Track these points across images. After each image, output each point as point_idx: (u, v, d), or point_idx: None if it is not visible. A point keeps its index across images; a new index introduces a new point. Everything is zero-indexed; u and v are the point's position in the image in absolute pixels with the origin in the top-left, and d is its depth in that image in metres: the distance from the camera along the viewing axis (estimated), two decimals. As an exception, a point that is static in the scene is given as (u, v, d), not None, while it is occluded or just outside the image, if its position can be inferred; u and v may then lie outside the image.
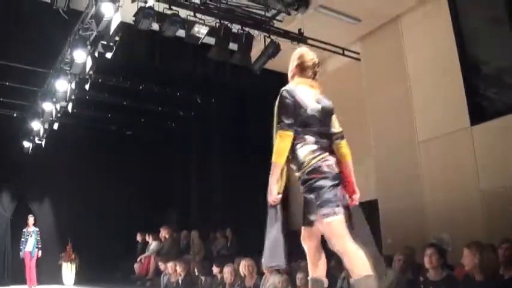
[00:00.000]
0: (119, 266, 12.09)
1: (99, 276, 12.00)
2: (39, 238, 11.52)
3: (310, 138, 3.28)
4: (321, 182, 3.18)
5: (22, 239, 11.35)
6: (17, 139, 12.77)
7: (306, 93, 3.36)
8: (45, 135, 12.05)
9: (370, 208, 8.82)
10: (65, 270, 13.02)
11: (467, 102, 7.65)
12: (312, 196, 3.19)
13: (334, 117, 3.48)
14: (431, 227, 7.58)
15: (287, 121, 3.22)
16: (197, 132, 12.32)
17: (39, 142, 12.28)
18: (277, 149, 3.19)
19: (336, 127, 3.47)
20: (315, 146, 3.27)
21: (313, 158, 3.24)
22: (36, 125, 11.93)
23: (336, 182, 3.21)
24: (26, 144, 12.78)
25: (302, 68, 3.54)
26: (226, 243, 10.28)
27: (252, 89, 9.81)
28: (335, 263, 6.94)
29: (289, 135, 3.20)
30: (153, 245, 11.62)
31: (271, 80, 10.83)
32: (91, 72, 9.42)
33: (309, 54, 3.57)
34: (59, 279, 12.77)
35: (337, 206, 3.15)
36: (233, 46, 8.55)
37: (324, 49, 9.46)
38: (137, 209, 12.91)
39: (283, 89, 3.35)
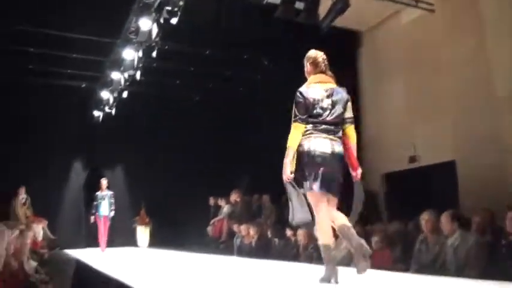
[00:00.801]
0: (192, 229, 12.69)
1: (173, 239, 12.64)
2: (113, 201, 11.66)
3: (311, 126, 4.14)
4: (302, 160, 4.07)
5: (95, 203, 11.49)
6: (87, 109, 13.53)
7: (316, 91, 4.21)
8: (114, 104, 12.70)
9: (447, 169, 8.82)
10: (139, 233, 13.92)
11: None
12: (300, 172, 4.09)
13: (349, 104, 4.29)
14: (513, 188, 7.53)
15: (300, 115, 4.12)
16: (265, 95, 12.40)
17: (109, 111, 12.97)
18: (291, 136, 4.10)
19: (349, 113, 4.28)
20: (311, 131, 4.13)
21: (303, 139, 4.11)
22: (105, 95, 12.60)
23: (314, 160, 4.05)
24: (97, 113, 13.51)
25: (315, 65, 4.35)
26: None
27: (321, 48, 9.82)
28: (413, 226, 7.16)
29: (301, 126, 4.10)
30: (225, 208, 12.15)
31: (340, 38, 10.86)
32: (157, 39, 9.78)
33: (318, 52, 4.40)
34: (133, 242, 13.67)
35: (314, 181, 4.03)
36: (299, 5, 8.60)
37: (397, 2, 9.35)
38: (209, 173, 13.32)
39: (297, 90, 4.22)
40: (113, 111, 12.97)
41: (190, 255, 9.56)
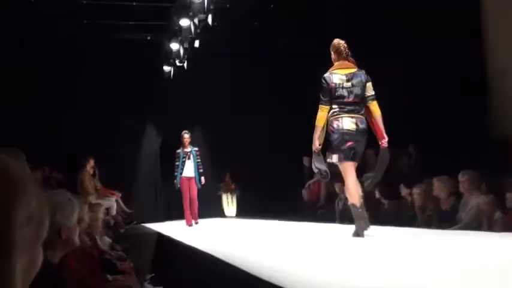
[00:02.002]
0: (285, 195, 12.57)
1: (263, 206, 12.62)
2: (199, 160, 10.96)
3: (336, 107, 5.86)
4: (331, 136, 5.89)
5: (176, 163, 10.77)
6: (155, 65, 13.64)
7: (337, 77, 5.90)
8: (186, 56, 12.68)
9: None
10: (225, 202, 14.08)
11: None
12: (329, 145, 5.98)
13: (369, 84, 5.92)
14: None
15: (324, 99, 5.88)
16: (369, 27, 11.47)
17: (181, 64, 13.00)
18: (318, 117, 5.93)
19: (369, 92, 5.92)
20: (337, 111, 5.85)
21: (330, 117, 5.87)
22: (174, 46, 12.62)
23: (342, 137, 5.78)
24: (167, 68, 13.61)
25: (338, 53, 6.06)
26: (409, 161, 10.17)
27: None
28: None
29: (325, 108, 5.88)
30: (322, 167, 11.94)
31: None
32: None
33: (340, 41, 6.11)
34: (219, 212, 13.81)
35: (340, 153, 5.82)
36: None
37: None
38: (301, 129, 13.00)
39: (322, 76, 5.93)
40: (185, 65, 12.99)
41: (285, 225, 9.48)
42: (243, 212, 13.64)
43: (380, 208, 9.13)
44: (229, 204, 14.08)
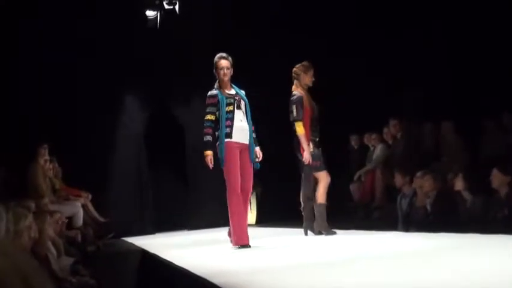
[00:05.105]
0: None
1: (293, 210, 12.59)
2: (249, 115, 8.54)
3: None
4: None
5: (209, 117, 8.28)
6: (134, 9, 13.55)
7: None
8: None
9: None
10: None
11: None
12: None
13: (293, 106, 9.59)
14: None
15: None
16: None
17: (171, 7, 12.94)
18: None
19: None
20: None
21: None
22: (161, -18, 12.60)
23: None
24: (150, 13, 13.52)
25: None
26: (505, 136, 10.03)
27: None
28: None
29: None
30: (378, 150, 11.84)
31: None
32: None
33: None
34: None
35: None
36: None
37: None
38: (348, 97, 12.94)
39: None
40: (176, 8, 12.94)
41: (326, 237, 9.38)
42: (266, 217, 13.68)
43: (460, 206, 8.98)
44: (247, 206, 14.03)
